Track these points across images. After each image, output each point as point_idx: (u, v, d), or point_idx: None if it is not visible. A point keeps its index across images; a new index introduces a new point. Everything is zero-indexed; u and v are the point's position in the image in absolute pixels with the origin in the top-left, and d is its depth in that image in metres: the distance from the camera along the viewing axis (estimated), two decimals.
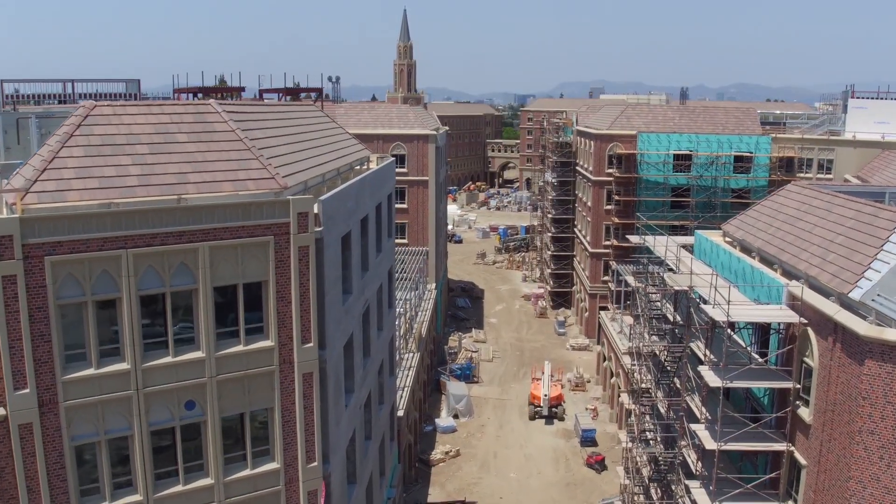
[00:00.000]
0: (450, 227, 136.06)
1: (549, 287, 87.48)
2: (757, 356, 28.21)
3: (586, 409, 58.89)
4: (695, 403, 29.09)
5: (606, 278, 73.12)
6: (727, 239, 36.30)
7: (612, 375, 58.63)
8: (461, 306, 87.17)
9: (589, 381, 65.02)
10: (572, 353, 72.27)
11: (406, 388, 46.81)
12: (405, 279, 62.81)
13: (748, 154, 70.43)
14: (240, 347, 20.29)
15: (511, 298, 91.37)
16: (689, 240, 38.71)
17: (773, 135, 72.23)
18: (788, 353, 26.40)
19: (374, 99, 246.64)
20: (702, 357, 27.92)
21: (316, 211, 21.27)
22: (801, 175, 71.38)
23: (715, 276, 27.52)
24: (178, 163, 20.60)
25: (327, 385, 22.29)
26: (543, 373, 61.67)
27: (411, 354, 52.95)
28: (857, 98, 75.14)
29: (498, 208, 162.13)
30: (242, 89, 71.68)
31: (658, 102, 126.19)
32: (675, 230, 70.63)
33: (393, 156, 74.09)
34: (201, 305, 19.51)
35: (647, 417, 33.91)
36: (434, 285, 73.23)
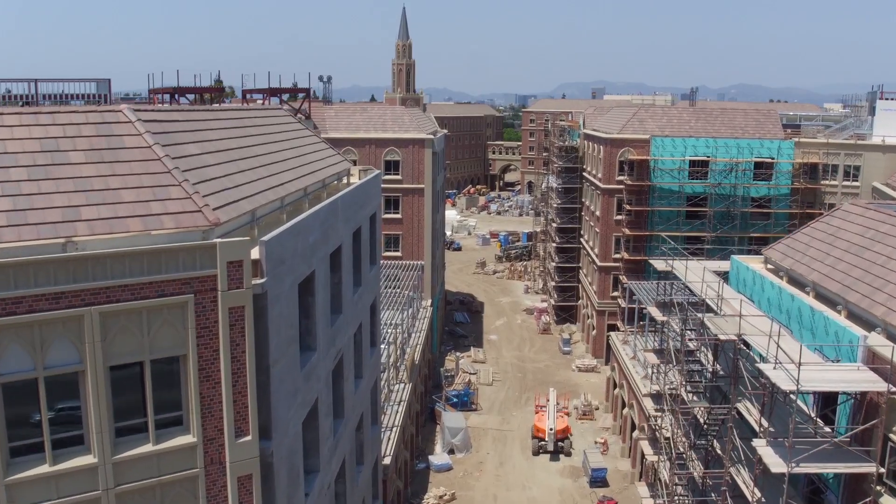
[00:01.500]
0: (448, 233, 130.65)
1: (553, 301, 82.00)
2: (821, 422, 22.76)
3: (595, 442, 53.42)
4: (742, 479, 23.64)
5: (616, 294, 67.70)
6: (769, 266, 30.87)
7: (623, 405, 53.15)
8: (459, 321, 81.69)
9: (597, 409, 59.55)
10: (579, 375, 66.81)
11: (395, 429, 41.36)
12: (398, 297, 57.41)
13: (769, 160, 65.03)
14: (148, 447, 14.83)
15: (512, 312, 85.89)
16: (723, 265, 33.22)
17: (797, 139, 66.82)
18: (867, 422, 20.97)
19: (372, 99, 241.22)
20: (755, 425, 22.46)
21: (256, 256, 15.82)
22: (826, 183, 66.08)
23: (776, 325, 22.01)
24: (67, 192, 15.13)
25: (275, 483, 16.83)
26: (548, 401, 56.29)
27: (402, 385, 47.51)
28: (886, 100, 69.91)
29: (499, 213, 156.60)
30: (222, 90, 66.66)
31: (664, 103, 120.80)
32: (690, 242, 65.24)
33: (387, 162, 68.68)
34: (91, 393, 14.06)
35: (679, 488, 28.44)
36: (430, 301, 67.79)
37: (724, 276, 32.73)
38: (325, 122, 67.69)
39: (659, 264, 34.34)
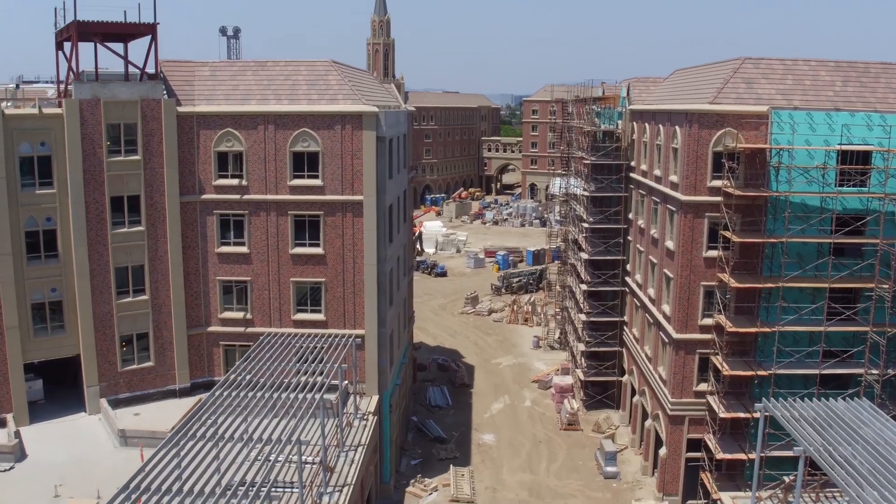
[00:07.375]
0: (431, 251, 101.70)
1: (582, 374, 52.59)
2: None
3: None
4: None
5: (704, 387, 38.48)
6: None
7: None
8: (434, 405, 52.51)
9: None
10: None
11: None
12: (302, 409, 28.21)
13: None
14: None
15: (517, 386, 56.64)
16: None
17: None
18: None
19: None
20: None
21: None
22: None
23: None
24: None
25: None
26: None
27: None
28: None
29: (496, 222, 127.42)
30: None
31: None
32: (839, 299, 36.33)
33: (296, 155, 39.41)
34: None
35: None
36: (376, 399, 38.68)
37: None
38: (192, 88, 38.51)
39: None
